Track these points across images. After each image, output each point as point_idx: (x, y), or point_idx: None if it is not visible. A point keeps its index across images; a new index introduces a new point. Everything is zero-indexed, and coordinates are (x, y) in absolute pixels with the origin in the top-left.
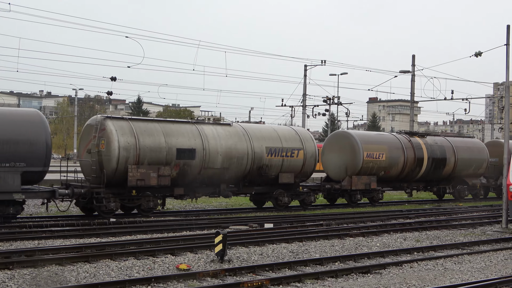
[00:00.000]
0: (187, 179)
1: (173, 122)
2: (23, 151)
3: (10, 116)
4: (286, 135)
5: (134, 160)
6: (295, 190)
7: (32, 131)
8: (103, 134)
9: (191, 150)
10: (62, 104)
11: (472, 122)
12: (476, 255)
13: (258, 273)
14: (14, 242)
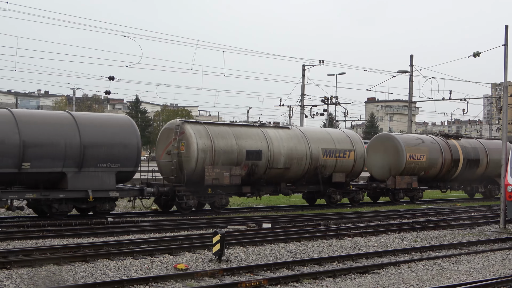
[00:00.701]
0: (253, 178)
1: (241, 126)
2: (118, 153)
3: (106, 122)
4: (338, 137)
5: (210, 161)
6: (346, 189)
7: (126, 135)
8: (183, 137)
9: (258, 152)
10: (60, 103)
11: (470, 122)
12: (474, 255)
13: (256, 273)
14: (11, 242)
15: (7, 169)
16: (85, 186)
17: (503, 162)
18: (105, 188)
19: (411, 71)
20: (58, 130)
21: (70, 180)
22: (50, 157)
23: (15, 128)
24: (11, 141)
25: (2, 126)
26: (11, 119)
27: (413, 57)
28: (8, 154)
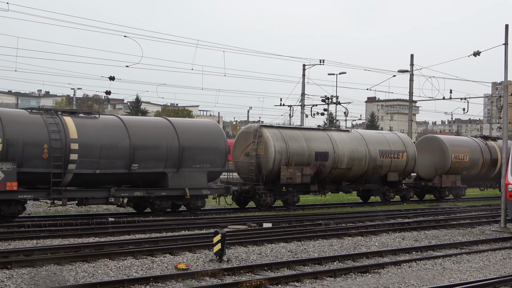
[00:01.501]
0: (320, 177)
1: (310, 130)
2: (209, 155)
3: (199, 127)
4: (392, 139)
5: (285, 161)
6: (398, 187)
7: (215, 139)
8: (261, 140)
9: (325, 153)
10: (60, 103)
11: (470, 121)
12: (475, 254)
13: (256, 272)
14: (12, 242)
15: (119, 170)
16: (183, 184)
17: (503, 161)
18: (199, 186)
19: (412, 70)
20: (161, 135)
21: (170, 179)
22: (154, 159)
23: (126, 134)
24: (123, 145)
25: (115, 132)
26: (122, 126)
27: (413, 57)
28: (121, 157)
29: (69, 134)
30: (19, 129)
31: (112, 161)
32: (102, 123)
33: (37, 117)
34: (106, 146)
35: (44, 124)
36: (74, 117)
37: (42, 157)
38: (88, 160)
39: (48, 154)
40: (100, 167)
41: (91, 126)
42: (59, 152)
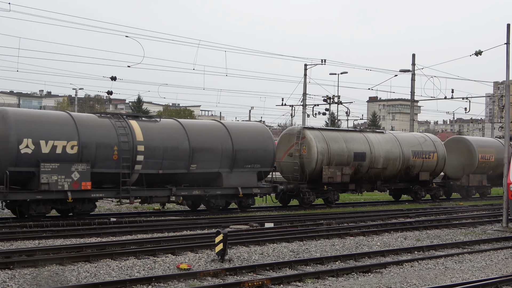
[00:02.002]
0: (358, 177)
1: (348, 131)
2: (259, 156)
3: (250, 130)
4: (424, 140)
5: (326, 161)
6: (429, 186)
7: (265, 141)
8: (304, 141)
9: (363, 154)
10: (62, 103)
11: (472, 121)
12: (477, 254)
13: (258, 272)
14: (14, 242)
15: (179, 170)
16: (236, 184)
17: (505, 161)
18: (250, 185)
19: (413, 70)
20: (216, 138)
21: (225, 179)
22: (210, 160)
23: (186, 136)
24: (183, 147)
25: (176, 135)
26: (182, 129)
27: (415, 56)
28: (181, 158)
29: (136, 136)
30: (92, 133)
31: (173, 162)
32: (163, 126)
33: (106, 121)
34: (168, 148)
35: (113, 128)
36: (138, 121)
37: (112, 158)
38: (152, 161)
39: (118, 155)
40: (163, 167)
41: (154, 129)
42: (127, 153)
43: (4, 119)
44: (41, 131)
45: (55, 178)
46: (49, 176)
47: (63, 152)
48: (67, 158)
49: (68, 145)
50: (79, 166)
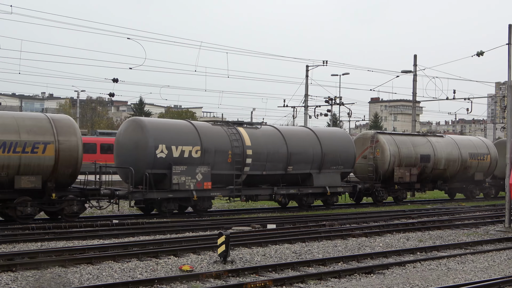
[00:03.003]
0: (422, 177)
1: (413, 135)
2: (342, 158)
3: (334, 135)
4: (478, 143)
5: (398, 163)
6: (482, 185)
7: (346, 145)
8: (377, 145)
9: (428, 156)
10: (64, 106)
11: (474, 121)
12: (479, 254)
13: (261, 274)
14: (17, 244)
15: (278, 171)
16: (324, 183)
17: (507, 161)
18: (335, 185)
19: (415, 71)
20: (308, 142)
21: (315, 179)
22: (303, 162)
23: (284, 142)
24: (282, 151)
25: (276, 140)
26: (280, 135)
27: (416, 57)
28: (280, 161)
29: (245, 142)
30: (211, 139)
31: (274, 164)
32: (264, 133)
33: (219, 128)
34: (270, 152)
35: (226, 134)
36: (245, 128)
37: (227, 161)
38: (258, 164)
39: (232, 159)
40: (266, 169)
41: (258, 135)
42: (239, 157)
43: (142, 128)
44: (172, 138)
45: (183, 179)
46: (179, 177)
47: (189, 156)
48: (193, 161)
49: (193, 150)
50: (202, 168)
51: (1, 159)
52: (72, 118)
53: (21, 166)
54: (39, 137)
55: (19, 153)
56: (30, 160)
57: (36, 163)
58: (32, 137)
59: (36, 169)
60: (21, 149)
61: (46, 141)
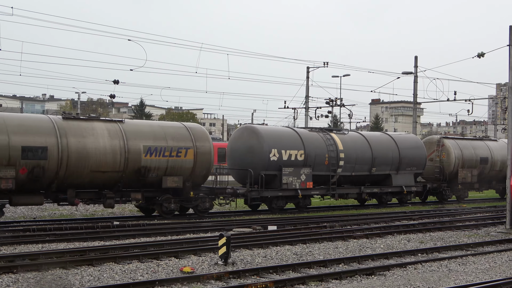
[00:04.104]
0: (481, 177)
1: (472, 140)
2: (415, 160)
3: (408, 140)
4: None
5: (461, 165)
6: None
7: (419, 148)
8: (443, 149)
9: (486, 158)
10: (65, 107)
11: (475, 123)
12: (481, 256)
13: (262, 275)
14: (18, 246)
15: (364, 172)
16: (400, 183)
17: (508, 163)
18: (410, 184)
19: (416, 72)
20: (387, 147)
21: (393, 179)
22: (385, 164)
23: (369, 146)
24: (367, 155)
25: (362, 145)
26: (365, 140)
27: (417, 58)
28: (366, 163)
29: (338, 146)
30: (312, 144)
31: (361, 166)
32: (352, 138)
33: (316, 134)
34: (359, 155)
35: (323, 140)
36: (336, 133)
37: (324, 163)
38: (348, 166)
39: (328, 161)
40: (354, 170)
41: (347, 140)
42: (334, 160)
43: (256, 134)
44: (282, 143)
45: (290, 179)
46: (287, 177)
47: (295, 159)
48: (298, 163)
49: (298, 154)
50: (305, 170)
51: (154, 162)
52: (183, 126)
53: (168, 168)
54: (182, 143)
55: (167, 156)
56: (175, 163)
57: (179, 166)
58: (176, 143)
59: (179, 170)
60: (168, 153)
61: (187, 146)
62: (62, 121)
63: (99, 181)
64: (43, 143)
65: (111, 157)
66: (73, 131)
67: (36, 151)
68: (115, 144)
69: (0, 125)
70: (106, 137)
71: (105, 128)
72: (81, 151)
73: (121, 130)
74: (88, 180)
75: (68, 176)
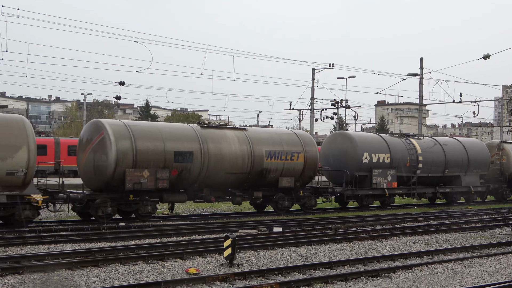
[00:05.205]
0: None
1: None
2: (481, 163)
3: (476, 144)
4: None
5: None
6: None
7: (484, 152)
8: (503, 152)
9: None
10: (70, 109)
11: (480, 124)
12: (486, 258)
13: (267, 277)
14: (24, 247)
15: (438, 174)
16: (468, 183)
17: None
18: (476, 185)
19: (421, 74)
20: (457, 150)
21: (462, 180)
22: (455, 166)
23: (442, 150)
24: (441, 159)
25: (437, 149)
26: (439, 145)
27: (423, 60)
28: (439, 165)
29: (417, 150)
30: (395, 148)
31: (436, 168)
32: (427, 143)
33: (398, 139)
34: (435, 158)
35: (404, 144)
36: (413, 139)
37: (406, 165)
38: (426, 167)
39: (409, 163)
40: (431, 172)
41: (424, 144)
42: (414, 162)
43: (350, 139)
44: (371, 147)
45: (379, 180)
46: (376, 178)
47: (382, 162)
48: (385, 165)
49: (385, 157)
50: (391, 171)
51: (273, 165)
52: (308, 134)
53: (284, 170)
54: (294, 148)
55: (283, 160)
56: (289, 165)
57: (292, 168)
58: (290, 148)
59: (292, 172)
60: (284, 157)
61: (298, 150)
62: (201, 129)
63: (230, 181)
64: (190, 149)
65: (240, 160)
66: (211, 137)
67: (184, 155)
68: (244, 149)
69: (156, 133)
70: (236, 143)
71: (235, 135)
72: (218, 155)
73: (247, 137)
74: (222, 180)
75: (207, 177)
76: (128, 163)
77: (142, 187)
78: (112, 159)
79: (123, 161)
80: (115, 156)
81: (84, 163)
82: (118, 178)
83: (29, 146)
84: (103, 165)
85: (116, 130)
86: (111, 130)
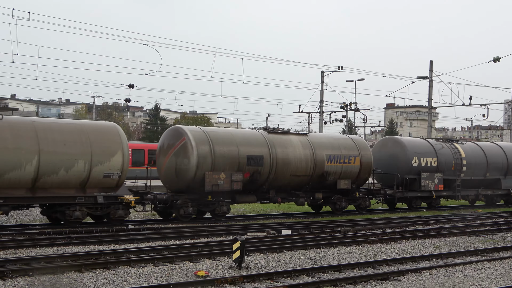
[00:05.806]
0: None
1: None
2: (504, 166)
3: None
4: None
5: None
6: None
7: (502, 158)
8: None
9: None
10: (80, 111)
11: (490, 127)
12: (496, 261)
13: (276, 280)
14: (33, 249)
15: (479, 177)
16: (507, 186)
17: None
18: (510, 187)
19: (431, 76)
20: (498, 154)
21: (502, 183)
22: (496, 170)
23: (483, 154)
24: (483, 162)
25: (479, 153)
26: (480, 149)
27: (432, 63)
28: (482, 168)
29: (461, 155)
30: (441, 153)
31: (478, 171)
32: (470, 147)
33: (443, 144)
34: (477, 162)
35: (449, 149)
36: (457, 143)
37: (451, 169)
38: (469, 171)
39: (454, 167)
40: (473, 175)
41: (467, 149)
42: (458, 166)
43: (400, 144)
44: (420, 152)
45: (427, 182)
46: (425, 181)
47: (430, 166)
48: (432, 169)
49: (432, 161)
50: (438, 174)
51: (333, 168)
52: (349, 138)
53: (342, 173)
54: (351, 152)
55: (341, 163)
56: (347, 168)
57: (349, 171)
58: (347, 152)
59: (349, 175)
60: (342, 160)
61: (355, 154)
62: (268, 134)
63: (294, 183)
64: (260, 153)
65: (304, 163)
66: (278, 142)
67: (256, 159)
68: (307, 153)
69: (231, 139)
70: (300, 147)
71: (298, 140)
72: (284, 159)
73: (309, 142)
74: (287, 182)
75: (275, 179)
76: (207, 167)
77: (219, 188)
78: (193, 163)
79: (203, 164)
80: (196, 160)
81: (166, 167)
82: (198, 180)
83: (123, 150)
84: (185, 169)
85: (196, 136)
86: (192, 136)
